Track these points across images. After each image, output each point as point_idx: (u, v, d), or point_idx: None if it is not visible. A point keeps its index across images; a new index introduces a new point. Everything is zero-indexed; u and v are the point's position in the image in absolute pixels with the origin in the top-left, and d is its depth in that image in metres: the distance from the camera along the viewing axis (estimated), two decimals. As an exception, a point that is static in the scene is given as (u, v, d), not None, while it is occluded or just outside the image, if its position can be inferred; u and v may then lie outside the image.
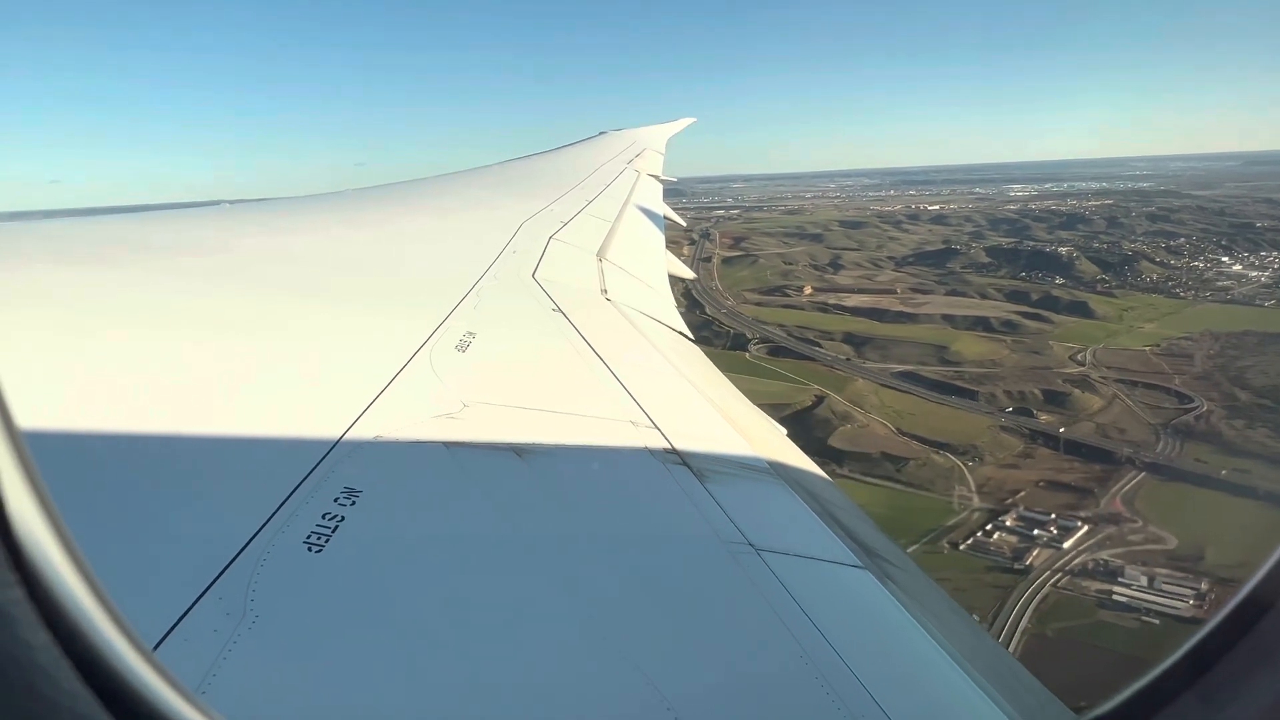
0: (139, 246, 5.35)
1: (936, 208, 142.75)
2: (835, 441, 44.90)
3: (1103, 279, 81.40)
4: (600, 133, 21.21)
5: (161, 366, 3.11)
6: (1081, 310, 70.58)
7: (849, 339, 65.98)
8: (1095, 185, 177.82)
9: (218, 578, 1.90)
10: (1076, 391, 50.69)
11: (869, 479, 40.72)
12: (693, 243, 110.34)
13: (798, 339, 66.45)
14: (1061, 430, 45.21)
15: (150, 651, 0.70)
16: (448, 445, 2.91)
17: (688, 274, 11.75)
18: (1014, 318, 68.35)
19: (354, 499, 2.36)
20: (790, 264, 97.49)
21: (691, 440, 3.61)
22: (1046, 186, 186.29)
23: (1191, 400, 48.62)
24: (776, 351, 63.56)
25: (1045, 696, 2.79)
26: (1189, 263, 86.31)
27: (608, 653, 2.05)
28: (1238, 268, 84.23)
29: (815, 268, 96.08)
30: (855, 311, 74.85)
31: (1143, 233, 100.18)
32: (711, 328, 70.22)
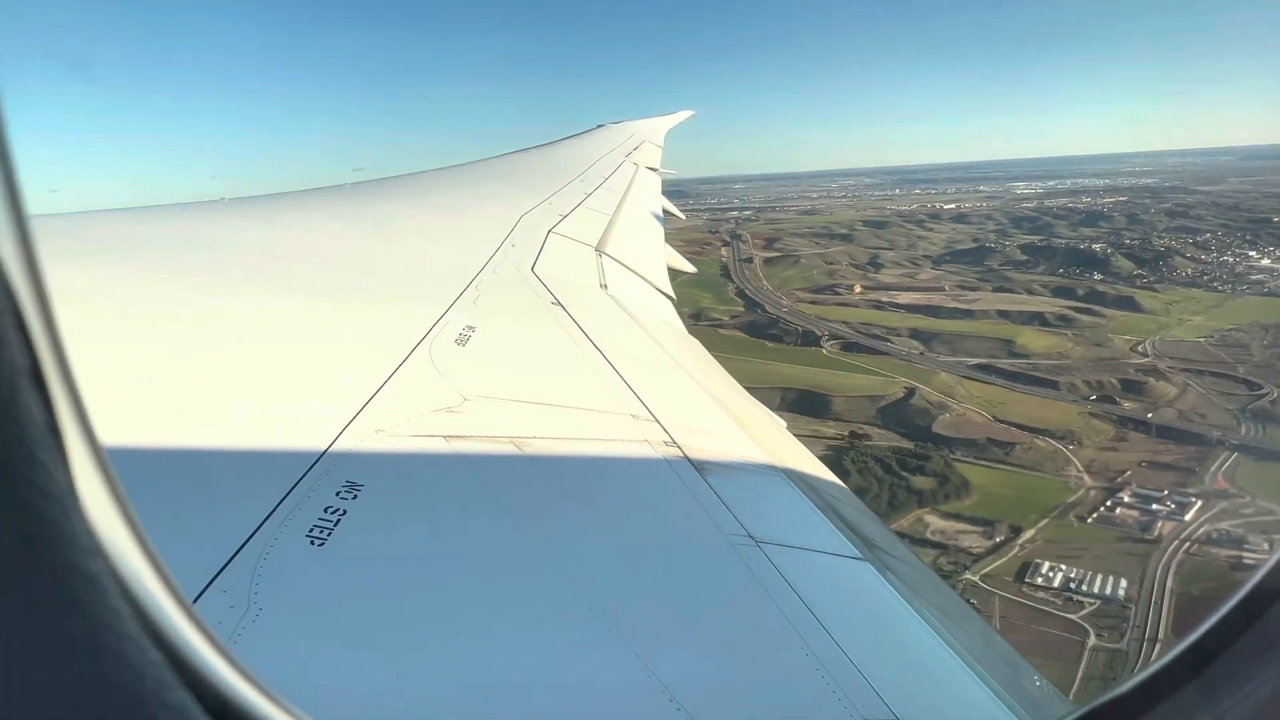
0: (136, 242, 5.28)
1: (953, 206, 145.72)
2: (939, 429, 48.17)
3: (1140, 274, 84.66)
4: (599, 125, 21.49)
5: (160, 361, 3.11)
6: (1129, 305, 73.68)
7: (915, 334, 69.01)
8: (1100, 182, 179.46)
9: (221, 571, 1.91)
10: (1151, 380, 54.12)
11: (982, 462, 43.96)
12: (727, 243, 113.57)
13: (866, 335, 69.59)
14: (1150, 415, 48.65)
15: (208, 626, 0.73)
16: (448, 439, 2.92)
17: (688, 268, 11.80)
18: (1067, 312, 71.42)
19: (355, 493, 2.37)
20: (832, 264, 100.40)
21: (691, 433, 3.65)
22: (1051, 184, 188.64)
23: (1260, 387, 52.04)
24: (849, 347, 66.59)
25: (1044, 686, 2.85)
26: (1218, 257, 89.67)
27: (610, 645, 2.06)
28: (1266, 262, 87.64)
29: (856, 267, 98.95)
30: (910, 309, 77.88)
31: (1164, 229, 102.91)
32: (780, 325, 73.42)
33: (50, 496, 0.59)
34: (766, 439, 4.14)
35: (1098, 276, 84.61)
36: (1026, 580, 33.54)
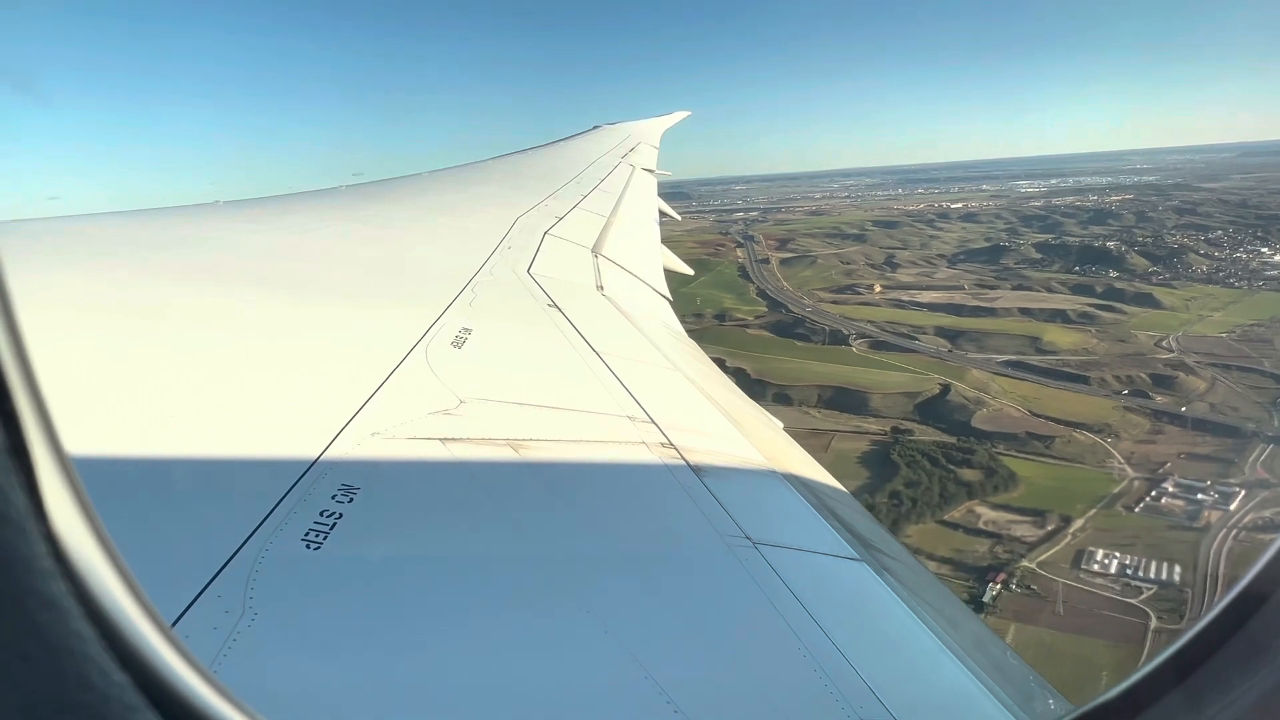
0: (128, 244, 5.24)
1: (960, 206, 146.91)
2: (978, 423, 49.34)
3: (1155, 271, 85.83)
4: (594, 127, 21.59)
5: (153, 364, 3.08)
6: (1148, 301, 74.74)
7: (941, 332, 70.15)
8: (1103, 180, 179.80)
9: (216, 575, 1.91)
10: (1180, 375, 55.33)
11: (1024, 455, 45.13)
12: (740, 244, 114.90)
13: (892, 334, 70.76)
14: (1184, 409, 49.89)
15: (182, 643, 0.71)
16: (444, 442, 2.91)
17: (685, 269, 11.75)
18: (1088, 309, 72.60)
19: (351, 496, 2.37)
20: (848, 264, 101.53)
21: (688, 435, 3.65)
22: (1053, 182, 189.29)
23: (1288, 380, 53.37)
24: (876, 345, 67.71)
25: (1039, 684, 2.86)
26: (1231, 254, 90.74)
27: (607, 646, 2.07)
28: (1279, 258, 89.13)
29: (873, 267, 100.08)
30: (932, 307, 79.00)
31: (1173, 226, 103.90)
32: (805, 325, 74.56)
33: (7, 521, 0.58)
34: (763, 440, 4.16)
35: (1114, 274, 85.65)
36: (1083, 567, 34.73)
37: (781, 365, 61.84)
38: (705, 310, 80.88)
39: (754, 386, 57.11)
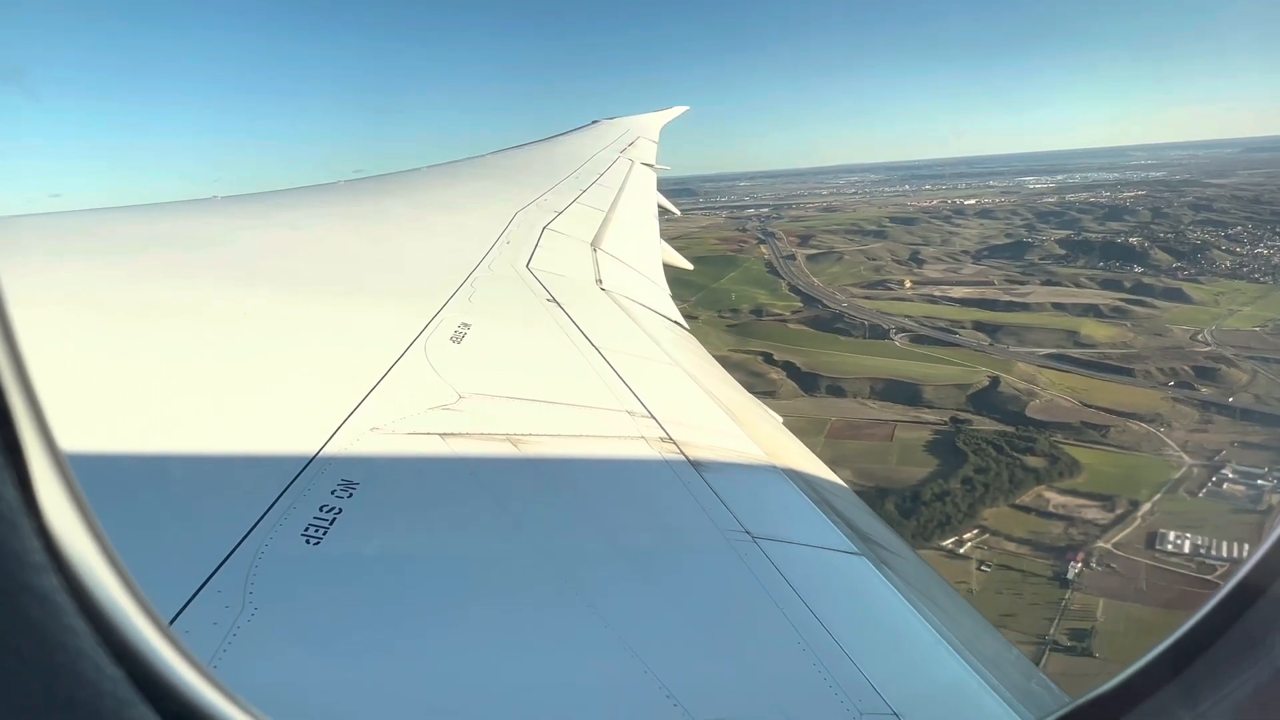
0: (124, 240, 5.20)
1: (973, 202, 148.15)
2: (1032, 413, 51.09)
3: (1180, 266, 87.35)
4: (593, 121, 21.61)
5: (152, 359, 3.08)
6: (1178, 296, 76.06)
7: (979, 327, 71.82)
8: (1110, 176, 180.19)
9: (216, 570, 1.92)
10: (1222, 367, 57.12)
11: (1082, 444, 46.89)
12: (762, 241, 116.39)
13: (931, 328, 72.38)
14: (1230, 399, 51.73)
15: (177, 637, 0.72)
16: (444, 437, 2.93)
17: (685, 264, 11.76)
18: (1119, 304, 74.10)
19: (351, 491, 2.38)
20: (874, 260, 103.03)
21: (688, 429, 3.64)
22: (1060, 178, 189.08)
23: (1327, 372, 55.12)
24: (918, 340, 69.29)
25: (1039, 680, 2.89)
26: (1252, 250, 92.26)
27: (606, 641, 2.08)
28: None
29: (899, 263, 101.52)
30: (965, 302, 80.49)
31: (1190, 222, 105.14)
32: (844, 320, 76.21)
33: None
34: (763, 435, 4.22)
35: (1139, 269, 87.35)
36: (1157, 547, 36.52)
37: (829, 359, 63.45)
38: (741, 306, 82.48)
39: (806, 379, 58.86)
